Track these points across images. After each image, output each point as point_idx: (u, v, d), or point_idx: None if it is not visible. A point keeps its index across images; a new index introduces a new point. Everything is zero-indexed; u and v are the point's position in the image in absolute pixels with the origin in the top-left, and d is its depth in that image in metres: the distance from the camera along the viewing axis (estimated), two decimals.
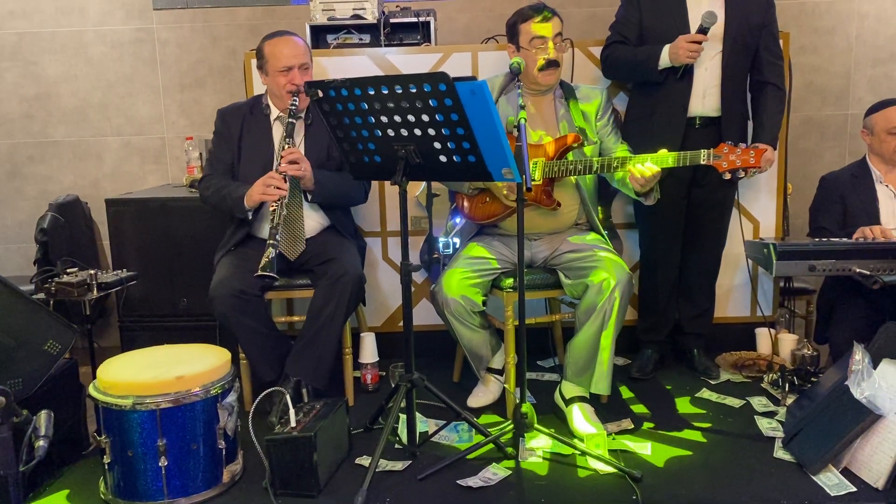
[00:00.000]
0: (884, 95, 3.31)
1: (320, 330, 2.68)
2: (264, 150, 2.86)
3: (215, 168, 2.88)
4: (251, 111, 2.91)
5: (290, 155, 2.68)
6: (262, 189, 2.65)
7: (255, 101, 2.94)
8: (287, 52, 2.78)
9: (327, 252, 2.79)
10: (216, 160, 2.90)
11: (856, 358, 2.32)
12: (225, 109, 2.94)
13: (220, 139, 2.91)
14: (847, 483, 2.19)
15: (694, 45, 2.72)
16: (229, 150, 2.88)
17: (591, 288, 2.59)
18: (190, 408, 2.18)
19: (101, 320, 3.88)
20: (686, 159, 2.50)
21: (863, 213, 2.88)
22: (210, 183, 2.84)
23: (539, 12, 2.70)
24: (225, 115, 2.92)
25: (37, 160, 4.00)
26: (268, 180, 2.65)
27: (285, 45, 2.79)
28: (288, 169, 2.66)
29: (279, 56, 2.77)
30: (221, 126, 2.91)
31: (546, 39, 2.68)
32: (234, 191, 2.75)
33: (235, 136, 2.88)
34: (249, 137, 2.88)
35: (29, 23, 3.89)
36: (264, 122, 2.89)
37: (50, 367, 2.33)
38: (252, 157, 2.85)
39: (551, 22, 2.69)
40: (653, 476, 2.30)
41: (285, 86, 2.76)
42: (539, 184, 2.68)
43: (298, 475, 2.21)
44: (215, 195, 2.81)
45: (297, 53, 2.79)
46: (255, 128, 2.89)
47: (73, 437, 2.56)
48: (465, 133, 2.13)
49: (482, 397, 2.87)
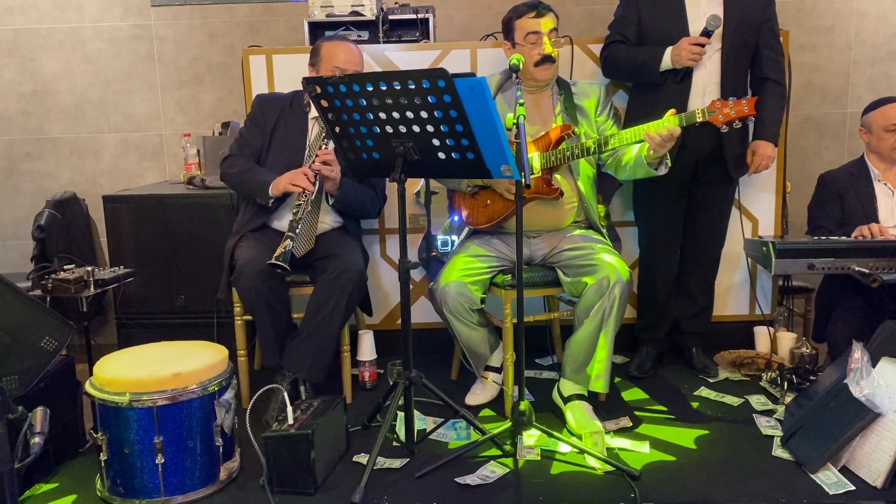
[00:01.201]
0: (883, 94, 3.31)
1: (319, 325, 2.67)
2: (296, 145, 2.87)
3: (243, 150, 2.89)
4: (291, 104, 2.93)
5: (325, 155, 2.71)
6: (292, 179, 2.67)
7: (297, 96, 2.95)
8: (343, 56, 2.81)
9: (329, 248, 2.79)
10: (245, 143, 2.90)
11: (854, 356, 2.31)
12: (264, 96, 2.96)
13: (253, 124, 2.92)
14: (846, 481, 2.19)
15: (696, 48, 2.72)
16: (261, 136, 2.89)
17: (590, 286, 2.58)
18: (187, 405, 2.17)
19: (98, 317, 3.88)
20: (682, 120, 2.49)
21: (861, 212, 2.88)
22: (235, 163, 2.85)
23: (533, 8, 2.70)
24: (263, 102, 2.93)
25: (34, 157, 3.99)
26: (299, 173, 2.68)
27: (344, 49, 2.83)
28: (322, 168, 2.69)
29: (335, 57, 2.80)
30: (258, 111, 2.92)
31: (541, 35, 2.68)
32: (261, 175, 2.77)
33: (270, 124, 2.89)
34: (284, 129, 2.89)
35: (26, 19, 3.88)
36: (302, 117, 2.90)
37: (46, 364, 2.32)
38: (282, 149, 2.86)
39: (545, 17, 2.69)
40: (651, 474, 2.30)
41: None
42: (538, 176, 2.67)
43: (296, 473, 2.21)
44: (239, 175, 2.82)
45: (352, 59, 2.82)
46: (291, 121, 2.90)
47: (70, 434, 2.55)
48: (463, 130, 2.12)
49: (480, 395, 2.87)
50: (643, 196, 3.10)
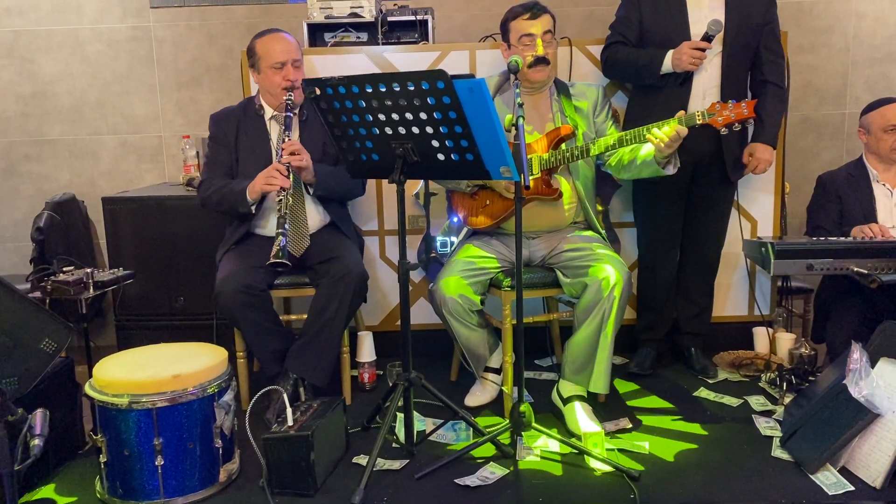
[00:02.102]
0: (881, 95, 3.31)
1: (323, 327, 2.68)
2: (262, 150, 2.86)
3: (214, 171, 2.89)
4: (245, 113, 2.92)
5: (290, 146, 2.70)
6: (265, 179, 2.67)
7: (248, 103, 2.95)
8: (279, 49, 2.79)
9: (329, 250, 2.79)
10: (214, 164, 2.90)
11: (853, 357, 2.31)
12: (217, 114, 2.95)
13: (216, 143, 2.92)
14: (845, 482, 2.19)
15: (697, 53, 2.72)
16: (227, 153, 2.89)
17: (589, 287, 2.58)
18: (186, 407, 2.17)
19: (97, 319, 3.87)
20: (682, 122, 2.49)
21: (859, 212, 2.89)
22: (210, 185, 2.84)
23: (528, 10, 2.70)
24: (219, 120, 2.93)
25: (33, 158, 3.99)
26: (271, 171, 2.66)
27: (277, 41, 2.81)
28: (291, 160, 2.68)
29: (272, 52, 2.79)
30: (216, 130, 2.91)
31: (535, 37, 2.68)
32: (236, 185, 2.76)
33: (231, 138, 2.88)
34: (246, 139, 2.88)
35: (25, 20, 3.88)
36: (259, 122, 2.89)
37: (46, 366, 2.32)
38: (251, 158, 2.85)
39: (539, 19, 2.70)
40: (650, 475, 2.30)
41: (280, 82, 2.77)
42: (537, 177, 2.68)
43: (295, 474, 2.21)
44: (216, 194, 2.80)
45: (288, 49, 2.80)
46: (250, 129, 2.89)
47: (69, 436, 2.55)
48: (463, 131, 2.13)
49: (480, 396, 2.87)
50: (643, 197, 3.11)
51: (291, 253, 2.76)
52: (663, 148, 2.49)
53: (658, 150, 2.51)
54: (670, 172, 2.61)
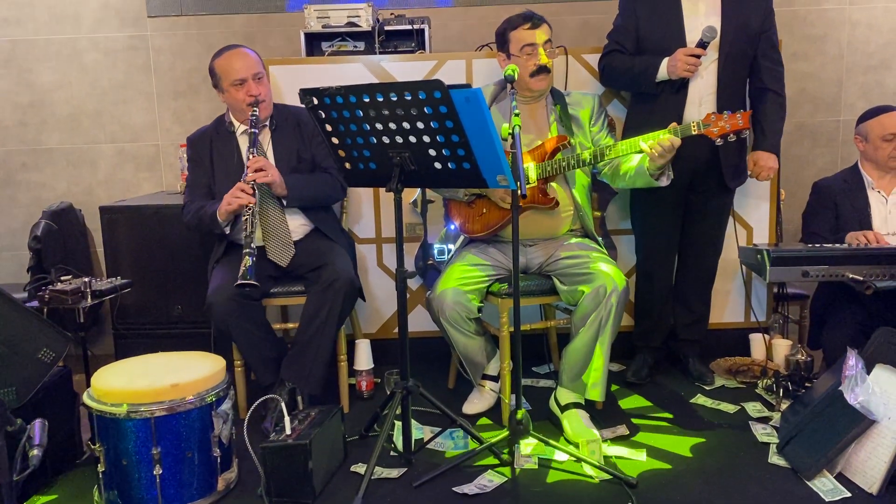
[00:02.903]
0: (875, 102, 3.34)
1: (314, 336, 2.68)
2: (235, 168, 2.86)
3: (194, 194, 2.91)
4: (217, 131, 2.94)
5: (255, 163, 2.70)
6: (229, 199, 2.68)
7: (219, 121, 2.96)
8: (238, 65, 2.79)
9: (318, 258, 2.80)
10: (193, 186, 2.93)
11: (849, 363, 2.32)
12: (192, 136, 2.97)
13: (193, 165, 2.94)
14: (842, 488, 2.20)
15: (692, 59, 2.73)
16: (203, 174, 2.91)
17: (587, 294, 2.59)
18: (185, 416, 2.17)
19: (95, 328, 3.87)
20: (677, 132, 2.50)
21: (855, 219, 2.90)
22: (190, 208, 2.88)
23: (528, 20, 2.72)
24: (194, 142, 2.95)
25: (30, 167, 3.99)
26: (234, 191, 2.67)
27: (235, 58, 2.81)
28: (256, 177, 2.68)
29: (230, 70, 2.80)
30: (192, 153, 2.94)
31: (536, 46, 2.70)
32: (209, 208, 2.79)
33: (206, 159, 2.91)
34: (219, 157, 2.90)
35: (23, 30, 3.89)
36: (230, 139, 2.91)
37: (44, 376, 2.32)
38: (225, 176, 2.86)
39: (540, 29, 2.71)
40: (648, 482, 2.31)
41: (244, 98, 2.78)
42: (534, 185, 2.69)
43: (293, 483, 2.21)
44: (194, 217, 2.85)
45: (248, 64, 2.80)
46: (222, 147, 2.91)
47: (67, 446, 2.54)
48: (459, 140, 2.14)
49: (477, 404, 2.87)
50: (640, 205, 3.11)
51: (278, 263, 2.78)
52: (656, 158, 2.50)
53: (651, 160, 2.52)
54: (663, 184, 2.62)
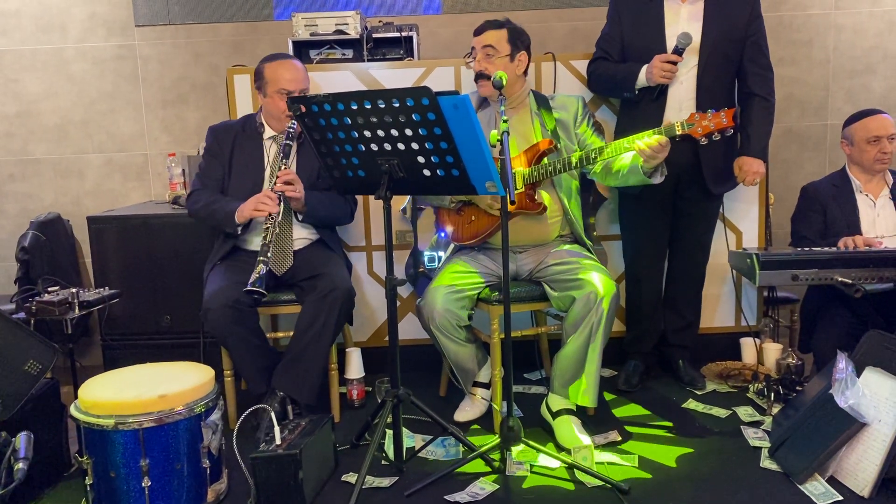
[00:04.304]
0: (862, 106, 3.36)
1: (308, 345, 2.67)
2: (255, 169, 2.86)
3: (205, 183, 2.89)
4: (243, 129, 2.92)
5: (285, 175, 2.70)
6: (255, 205, 2.67)
7: (248, 120, 2.95)
8: (289, 76, 2.81)
9: (315, 267, 2.79)
10: (206, 176, 2.90)
11: (839, 366, 2.33)
12: (216, 126, 2.95)
13: (210, 156, 2.92)
14: (833, 492, 2.20)
15: (668, 66, 2.74)
16: (220, 166, 2.89)
17: (577, 300, 2.59)
18: (173, 427, 2.15)
19: (83, 339, 3.84)
20: (662, 133, 2.50)
21: (843, 223, 2.91)
22: (199, 197, 2.84)
23: (482, 26, 2.75)
24: (217, 132, 2.93)
25: (17, 178, 3.97)
26: (262, 198, 2.67)
27: (287, 69, 2.82)
28: (284, 189, 2.68)
29: (280, 79, 2.80)
30: (213, 143, 2.91)
31: (475, 51, 2.72)
32: (226, 205, 2.76)
33: (227, 153, 2.89)
34: (241, 155, 2.89)
35: (9, 40, 3.87)
36: (257, 140, 2.90)
37: (30, 388, 2.30)
38: (242, 175, 2.86)
39: (484, 34, 2.73)
40: (640, 488, 2.30)
41: (286, 109, 2.76)
42: (521, 191, 2.69)
43: (284, 493, 2.19)
44: (205, 209, 2.81)
45: (297, 78, 2.82)
46: (247, 146, 2.89)
47: (55, 459, 2.52)
48: (448, 147, 2.14)
49: (469, 411, 2.86)
50: (628, 211, 3.12)
51: (273, 271, 2.77)
52: (649, 158, 2.50)
53: (645, 159, 2.52)
54: (658, 181, 2.61)
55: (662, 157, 2.51)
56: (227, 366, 2.81)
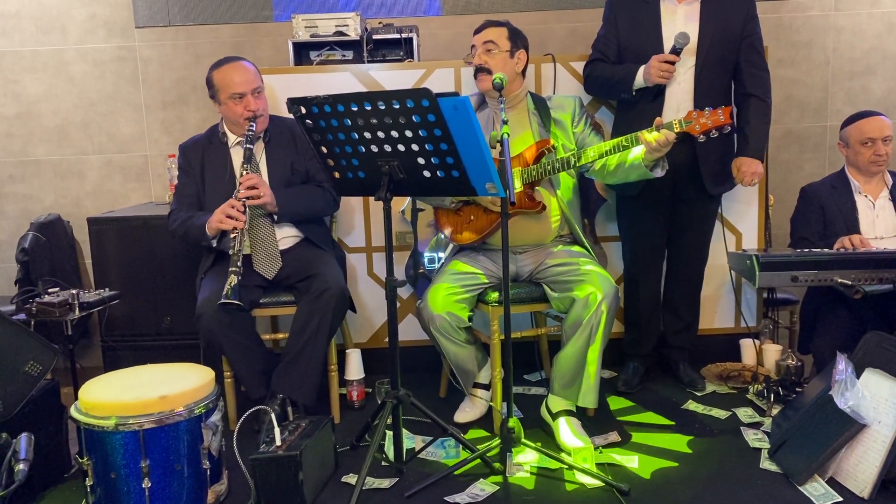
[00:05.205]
0: (861, 107, 3.37)
1: (305, 346, 2.67)
2: (225, 179, 2.86)
3: (181, 203, 2.90)
4: (210, 141, 2.93)
5: (248, 180, 2.70)
6: (220, 217, 2.67)
7: (213, 131, 2.96)
8: (238, 79, 2.78)
9: (308, 267, 2.79)
10: (181, 195, 2.92)
11: (839, 368, 2.33)
12: (185, 144, 2.96)
13: (183, 174, 2.93)
14: (833, 493, 2.20)
15: (665, 66, 2.75)
16: (193, 183, 2.90)
17: (577, 302, 2.59)
18: (173, 428, 2.15)
19: (83, 340, 3.84)
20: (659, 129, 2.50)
21: (842, 223, 2.91)
22: (177, 217, 2.86)
23: (482, 25, 2.79)
24: (185, 150, 2.94)
25: (17, 179, 3.97)
26: (226, 209, 2.67)
27: (235, 71, 2.79)
28: (248, 194, 2.68)
29: (230, 83, 2.78)
30: (183, 161, 2.93)
31: (476, 48, 2.76)
32: (197, 220, 2.78)
33: (197, 168, 2.90)
34: (210, 168, 2.89)
35: (9, 41, 3.87)
36: (223, 150, 2.90)
37: (31, 389, 2.30)
38: (215, 187, 2.86)
39: (484, 31, 2.76)
40: (640, 489, 2.30)
41: (242, 112, 2.77)
42: (520, 191, 2.69)
43: (284, 494, 2.19)
44: (181, 227, 2.83)
45: (247, 79, 2.79)
46: (214, 157, 2.90)
47: (55, 460, 2.52)
48: (448, 148, 2.14)
49: (469, 412, 2.86)
50: (626, 212, 3.12)
51: (264, 275, 2.77)
52: (652, 150, 2.49)
53: (648, 150, 2.51)
54: (659, 174, 2.60)
55: (666, 151, 2.51)
56: (228, 367, 2.81)
